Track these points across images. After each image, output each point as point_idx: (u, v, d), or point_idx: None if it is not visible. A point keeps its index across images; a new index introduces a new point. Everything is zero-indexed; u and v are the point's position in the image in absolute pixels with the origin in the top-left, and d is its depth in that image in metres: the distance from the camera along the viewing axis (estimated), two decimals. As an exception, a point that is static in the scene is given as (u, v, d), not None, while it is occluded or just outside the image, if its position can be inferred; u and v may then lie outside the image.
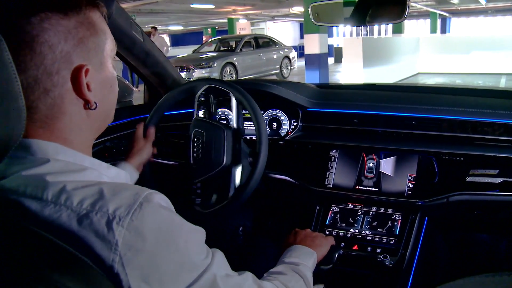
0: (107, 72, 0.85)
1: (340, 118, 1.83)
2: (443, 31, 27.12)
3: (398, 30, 17.42)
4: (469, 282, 0.50)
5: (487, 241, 2.04)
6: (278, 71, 15.34)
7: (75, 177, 0.75)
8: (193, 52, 15.14)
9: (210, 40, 16.49)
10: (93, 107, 0.80)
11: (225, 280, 0.80)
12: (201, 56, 13.48)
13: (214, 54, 13.86)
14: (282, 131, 1.89)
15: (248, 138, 1.93)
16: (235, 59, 13.55)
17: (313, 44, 11.47)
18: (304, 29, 11.85)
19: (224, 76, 12.85)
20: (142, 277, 0.69)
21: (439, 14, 23.89)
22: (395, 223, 1.61)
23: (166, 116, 1.70)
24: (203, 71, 12.31)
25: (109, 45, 0.85)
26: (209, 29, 30.18)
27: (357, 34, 15.24)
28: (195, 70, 12.38)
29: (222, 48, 14.90)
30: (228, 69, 13.19)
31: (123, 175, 0.89)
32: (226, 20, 22.27)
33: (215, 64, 12.68)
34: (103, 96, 0.84)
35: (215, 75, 12.36)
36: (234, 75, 13.23)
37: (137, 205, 0.70)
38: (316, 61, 11.63)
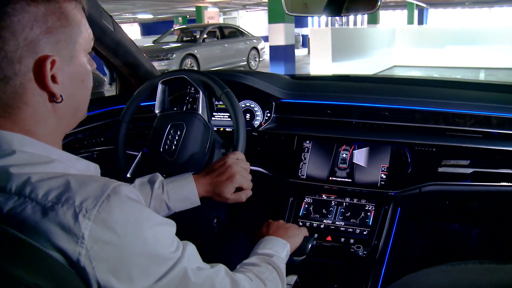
0: (78, 65, 0.84)
1: (314, 109, 1.89)
2: (420, 22, 27.48)
3: (373, 20, 17.43)
4: (435, 271, 0.55)
5: (459, 230, 2.12)
6: (245, 63, 15.10)
7: (41, 169, 0.74)
8: (154, 42, 14.67)
9: (173, 29, 16.07)
10: (58, 100, 0.80)
11: (197, 273, 0.82)
12: (163, 47, 13.04)
13: (175, 45, 13.43)
14: (255, 122, 1.93)
15: (221, 129, 1.98)
16: (196, 50, 13.16)
17: (278, 35, 10.98)
18: (268, 18, 11.26)
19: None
20: (110, 270, 0.70)
21: (416, 5, 24.19)
22: (368, 213, 1.67)
23: (138, 107, 1.72)
24: (162, 63, 11.86)
25: (84, 39, 0.84)
26: (180, 18, 29.86)
27: (332, 24, 15.02)
28: (152, 63, 11.89)
29: (185, 39, 14.48)
30: (188, 61, 12.81)
31: (92, 168, 0.89)
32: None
33: (174, 56, 12.29)
34: (72, 90, 0.83)
35: (174, 67, 11.79)
36: (196, 68, 12.72)
37: (104, 197, 0.71)
38: (281, 54, 11.12)
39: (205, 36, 13.87)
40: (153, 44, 14.22)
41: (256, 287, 1.01)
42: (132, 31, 31.29)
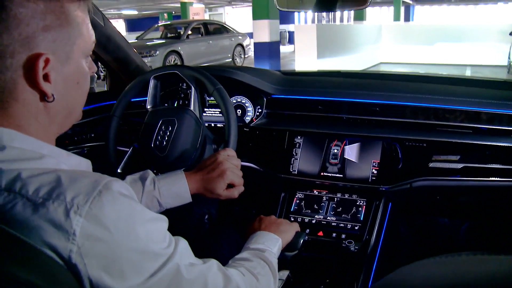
0: (75, 67, 0.83)
1: (305, 105, 1.89)
2: (407, 19, 27.58)
3: (359, 17, 17.42)
4: (429, 263, 0.55)
5: (449, 225, 2.15)
6: (230, 59, 15.01)
7: (32, 164, 0.73)
8: (137, 38, 14.38)
9: (156, 25, 15.89)
10: (50, 99, 0.79)
11: (189, 269, 0.82)
12: (146, 44, 12.85)
13: (158, 41, 13.29)
14: (246, 118, 1.94)
15: (212, 125, 1.98)
16: (179, 47, 13.05)
17: (263, 32, 10.75)
18: (252, 15, 10.96)
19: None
20: (102, 266, 0.70)
21: (403, 1, 24.24)
22: (360, 209, 1.69)
23: (129, 103, 1.71)
24: (145, 60, 11.52)
25: (84, 41, 0.83)
26: (165, 14, 29.69)
27: (319, 21, 14.94)
28: None
29: (169, 35, 14.38)
30: (172, 58, 12.70)
31: (84, 163, 0.88)
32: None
33: (157, 53, 12.17)
34: (66, 90, 0.82)
35: (157, 65, 11.47)
36: (179, 65, 12.62)
37: (96, 193, 0.70)
38: (266, 51, 10.90)
39: (189, 32, 13.72)
40: (136, 41, 13.96)
41: (249, 282, 1.01)
42: (117, 27, 30.97)
